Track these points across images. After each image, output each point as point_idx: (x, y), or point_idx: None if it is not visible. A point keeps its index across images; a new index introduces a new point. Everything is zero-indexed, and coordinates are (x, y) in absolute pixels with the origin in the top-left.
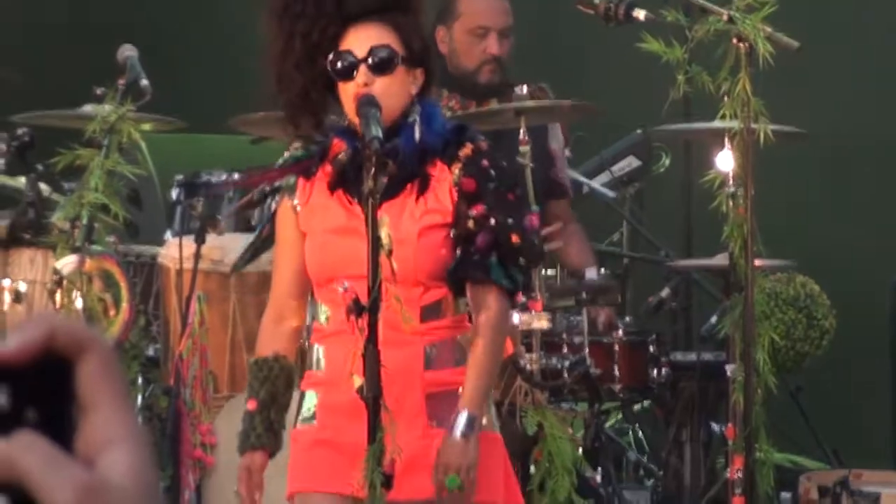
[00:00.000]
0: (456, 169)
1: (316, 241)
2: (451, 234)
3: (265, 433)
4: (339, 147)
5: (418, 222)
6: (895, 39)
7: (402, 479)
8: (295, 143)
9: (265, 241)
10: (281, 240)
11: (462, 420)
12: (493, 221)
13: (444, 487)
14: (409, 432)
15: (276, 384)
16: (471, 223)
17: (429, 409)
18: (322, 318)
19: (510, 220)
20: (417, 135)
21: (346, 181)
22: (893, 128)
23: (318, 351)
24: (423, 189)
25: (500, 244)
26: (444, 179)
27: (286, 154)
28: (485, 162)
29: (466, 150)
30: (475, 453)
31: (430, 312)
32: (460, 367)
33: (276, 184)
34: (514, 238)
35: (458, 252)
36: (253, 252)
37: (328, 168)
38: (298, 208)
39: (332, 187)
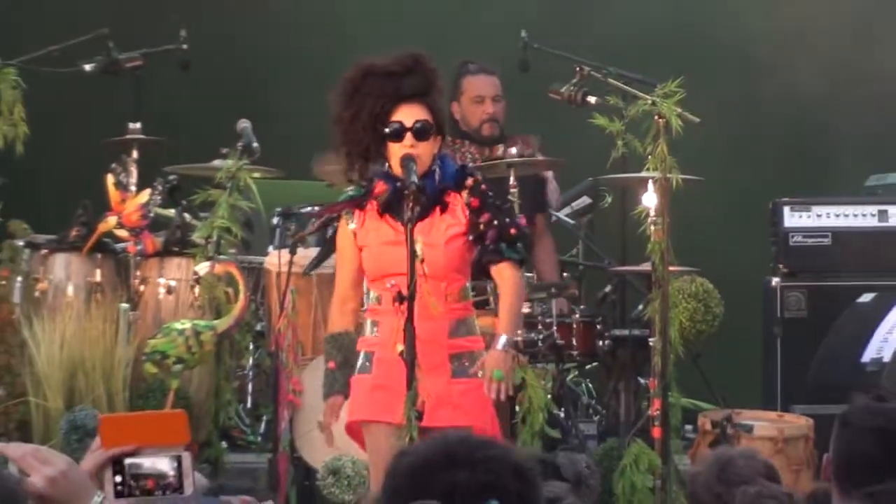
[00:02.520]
0: (465, 194)
1: (374, 251)
2: (469, 238)
3: (343, 384)
4: (381, 187)
5: (444, 234)
6: (760, 115)
7: (433, 413)
8: (349, 185)
9: (326, 253)
10: (341, 250)
11: (503, 339)
12: (496, 223)
13: (492, 379)
14: (436, 381)
15: (349, 350)
16: (481, 227)
17: (451, 365)
18: (375, 301)
19: (507, 220)
20: (438, 178)
21: (391, 209)
22: (752, 178)
23: (374, 323)
24: (443, 211)
25: (503, 236)
26: (458, 203)
27: (345, 192)
28: (483, 187)
29: (469, 181)
30: (513, 362)
31: (451, 298)
32: (471, 336)
33: (336, 214)
34: (513, 231)
35: (477, 248)
36: (318, 260)
37: (373, 201)
38: (357, 229)
39: (382, 213)
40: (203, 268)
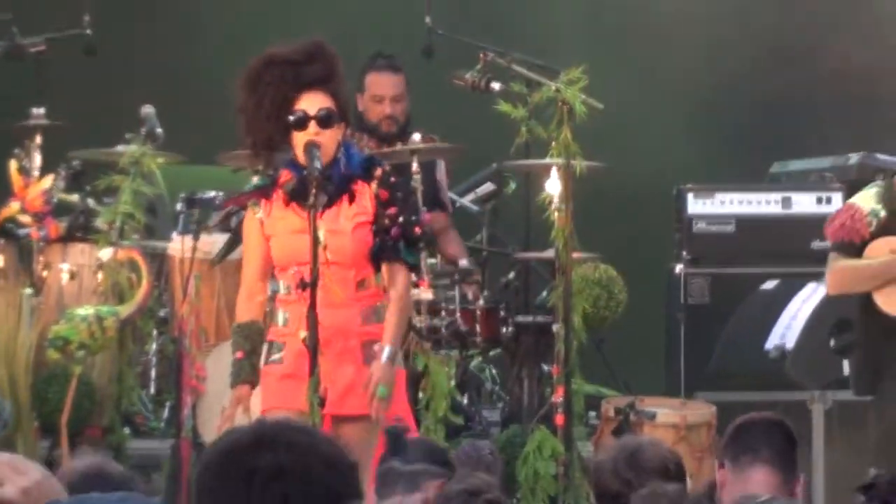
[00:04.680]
0: (374, 185)
1: (282, 240)
2: (373, 229)
3: (251, 373)
4: (287, 176)
5: (351, 221)
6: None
7: (343, 401)
8: (255, 174)
9: (233, 242)
10: (248, 240)
11: (387, 351)
12: (401, 219)
13: (374, 396)
14: (347, 368)
15: (257, 340)
16: (387, 220)
17: (363, 353)
18: (283, 290)
19: (412, 218)
20: (343, 167)
21: (298, 197)
22: (656, 164)
23: (284, 313)
24: (351, 199)
25: (406, 234)
26: (366, 192)
27: (251, 182)
28: (392, 179)
29: (378, 172)
30: (394, 375)
31: (361, 285)
32: (381, 323)
33: (242, 205)
34: (417, 230)
35: (378, 241)
36: (226, 250)
37: (280, 190)
38: (263, 218)
39: (289, 201)
40: (106, 253)
